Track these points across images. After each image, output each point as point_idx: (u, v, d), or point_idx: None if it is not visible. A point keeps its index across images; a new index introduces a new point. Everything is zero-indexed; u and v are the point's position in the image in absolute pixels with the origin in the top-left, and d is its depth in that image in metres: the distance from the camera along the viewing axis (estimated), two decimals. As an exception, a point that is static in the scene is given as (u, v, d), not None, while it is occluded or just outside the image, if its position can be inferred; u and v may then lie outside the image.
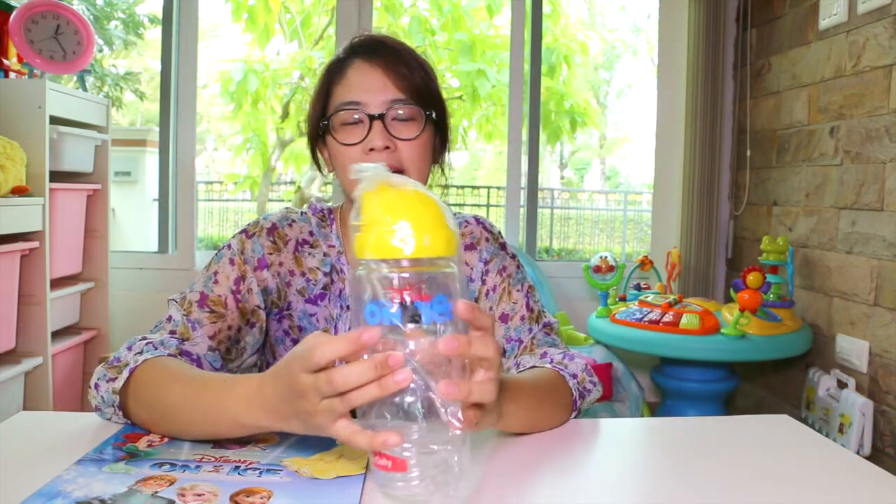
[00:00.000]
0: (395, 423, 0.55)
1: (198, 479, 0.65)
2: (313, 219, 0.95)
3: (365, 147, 0.83)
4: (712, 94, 2.78)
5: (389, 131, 0.83)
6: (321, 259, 0.92)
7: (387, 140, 0.83)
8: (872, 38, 2.09)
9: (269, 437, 0.75)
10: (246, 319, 0.88)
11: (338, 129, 0.85)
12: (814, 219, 2.38)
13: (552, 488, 0.67)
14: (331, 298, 0.92)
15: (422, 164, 0.87)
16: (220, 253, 0.91)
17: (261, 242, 0.91)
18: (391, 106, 0.83)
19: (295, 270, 0.91)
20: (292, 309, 0.91)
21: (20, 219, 1.97)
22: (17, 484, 0.63)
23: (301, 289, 0.91)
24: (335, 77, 0.87)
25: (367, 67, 0.84)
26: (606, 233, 6.71)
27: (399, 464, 0.55)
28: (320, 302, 0.91)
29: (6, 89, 2.06)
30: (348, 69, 0.85)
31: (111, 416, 0.78)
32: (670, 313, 2.25)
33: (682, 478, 0.71)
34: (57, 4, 2.19)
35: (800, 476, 0.72)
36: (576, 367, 0.86)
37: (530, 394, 0.77)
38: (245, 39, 4.96)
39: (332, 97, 0.86)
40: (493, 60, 4.98)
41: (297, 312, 0.91)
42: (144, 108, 5.75)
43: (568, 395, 0.83)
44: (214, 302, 0.86)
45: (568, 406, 0.83)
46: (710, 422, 0.95)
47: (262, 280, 0.90)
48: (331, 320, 0.91)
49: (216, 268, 0.89)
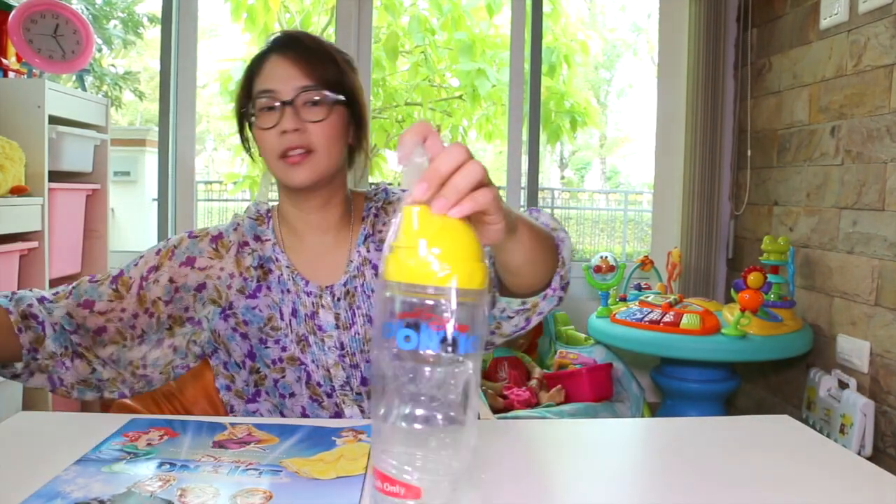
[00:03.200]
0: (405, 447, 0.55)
1: (197, 479, 0.65)
2: (246, 221, 1.02)
3: (278, 130, 0.91)
4: (713, 94, 2.77)
5: (299, 115, 0.91)
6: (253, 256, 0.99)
7: (297, 123, 0.90)
8: (873, 38, 2.08)
9: (269, 438, 0.75)
10: (144, 307, 0.94)
11: (257, 115, 0.93)
12: (815, 219, 2.38)
13: (552, 488, 0.67)
14: (270, 286, 0.97)
15: (330, 145, 0.93)
16: (160, 242, 1.00)
17: (200, 246, 0.99)
18: (300, 92, 0.91)
19: (235, 273, 0.98)
20: (234, 307, 0.97)
21: (19, 219, 1.96)
22: (17, 484, 0.63)
23: (241, 288, 0.97)
24: (255, 70, 0.95)
25: (281, 60, 0.93)
26: (607, 233, 6.71)
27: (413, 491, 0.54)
28: (258, 294, 0.97)
29: (5, 89, 2.06)
30: (265, 63, 0.94)
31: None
32: (671, 313, 2.25)
33: (682, 478, 0.71)
34: (56, 4, 2.19)
35: (801, 477, 0.71)
36: (545, 217, 0.87)
37: (527, 222, 0.75)
38: (244, 39, 4.96)
39: (253, 88, 0.95)
40: (493, 60, 4.98)
41: (240, 309, 0.97)
42: (144, 107, 5.75)
43: (550, 240, 0.83)
44: (123, 282, 0.95)
45: (553, 249, 0.83)
46: (711, 422, 0.95)
47: (181, 276, 0.96)
48: (274, 306, 0.96)
49: (145, 253, 0.99)
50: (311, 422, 0.82)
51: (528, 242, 0.73)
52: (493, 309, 0.88)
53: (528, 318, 0.88)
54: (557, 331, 2.77)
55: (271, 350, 0.95)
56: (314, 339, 0.94)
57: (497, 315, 0.88)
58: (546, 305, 0.86)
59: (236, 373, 0.98)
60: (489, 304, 0.56)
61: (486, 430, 0.84)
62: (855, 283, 2.17)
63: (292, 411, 0.96)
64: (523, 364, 2.60)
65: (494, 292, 0.87)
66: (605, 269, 2.59)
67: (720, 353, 2.14)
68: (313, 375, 0.94)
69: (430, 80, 5.29)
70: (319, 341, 0.94)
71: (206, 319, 0.97)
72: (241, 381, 0.98)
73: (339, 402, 0.94)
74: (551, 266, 0.82)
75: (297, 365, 0.95)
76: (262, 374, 0.96)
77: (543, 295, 0.85)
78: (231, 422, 0.80)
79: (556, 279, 0.84)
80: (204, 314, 0.97)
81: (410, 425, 0.54)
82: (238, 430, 0.77)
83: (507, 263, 0.76)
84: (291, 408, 0.96)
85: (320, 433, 0.77)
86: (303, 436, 0.76)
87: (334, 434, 0.77)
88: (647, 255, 2.82)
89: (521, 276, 0.79)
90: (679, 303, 2.37)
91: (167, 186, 2.80)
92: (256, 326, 0.95)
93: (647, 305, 2.37)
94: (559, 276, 0.84)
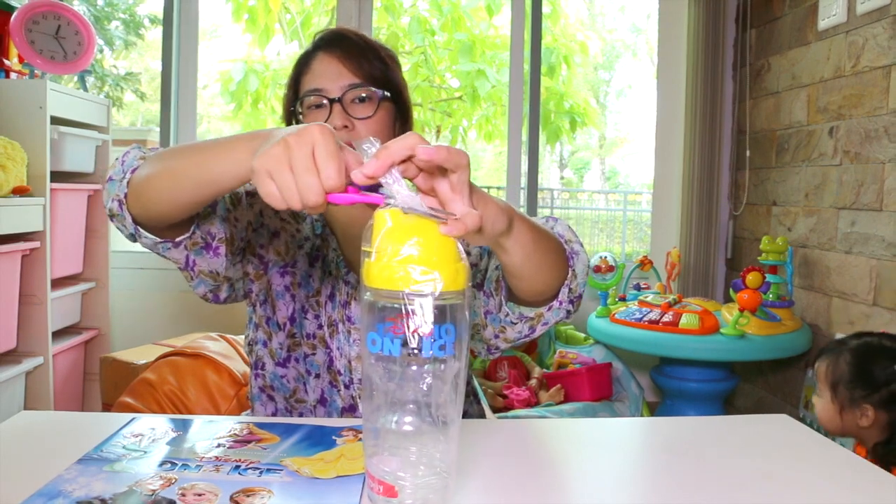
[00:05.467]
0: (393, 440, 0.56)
1: (198, 478, 0.65)
2: None
3: None
4: (712, 95, 2.78)
5: (347, 112, 0.92)
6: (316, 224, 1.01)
7: (345, 120, 0.91)
8: (872, 39, 2.09)
9: (270, 437, 0.76)
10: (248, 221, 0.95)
11: (305, 113, 0.94)
12: (813, 219, 2.39)
13: (552, 488, 0.68)
14: (324, 261, 0.99)
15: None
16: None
17: None
18: (348, 90, 0.92)
19: (309, 235, 1.00)
20: (297, 267, 0.98)
21: (21, 219, 1.97)
22: (18, 483, 0.63)
23: (308, 251, 0.99)
24: (303, 69, 0.96)
25: (328, 58, 0.94)
26: (606, 233, 6.71)
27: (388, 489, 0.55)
28: (316, 264, 0.99)
29: (7, 90, 2.06)
30: (313, 61, 0.95)
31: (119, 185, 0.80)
32: (670, 313, 2.26)
33: (681, 478, 0.72)
34: (58, 5, 2.19)
35: (799, 476, 0.72)
36: (561, 228, 0.87)
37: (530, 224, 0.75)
38: (245, 40, 4.96)
39: (301, 86, 0.96)
40: (492, 60, 4.98)
41: (301, 271, 0.98)
42: (145, 108, 5.75)
43: (560, 248, 0.82)
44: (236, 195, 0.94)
45: (562, 258, 0.82)
46: (710, 421, 0.95)
47: (267, 215, 0.98)
48: (327, 283, 0.97)
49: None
50: (311, 421, 0.83)
51: (528, 243, 0.73)
52: (499, 312, 0.88)
53: (532, 326, 0.88)
54: (557, 330, 2.78)
55: (309, 323, 0.97)
56: (343, 327, 0.96)
57: (502, 319, 0.88)
58: (552, 317, 0.86)
59: (275, 332, 0.99)
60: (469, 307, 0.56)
61: (485, 430, 0.84)
62: (853, 282, 2.17)
63: (314, 390, 0.97)
64: (523, 363, 2.60)
65: (501, 297, 0.87)
66: (605, 269, 2.59)
67: (719, 352, 2.15)
68: (336, 362, 0.96)
69: (430, 80, 5.29)
70: (347, 331, 0.96)
71: (270, 264, 0.98)
72: (276, 342, 0.99)
73: (356, 395, 0.95)
74: (558, 274, 0.81)
75: (325, 347, 0.96)
76: (296, 341, 0.98)
77: (549, 306, 0.84)
78: (232, 421, 0.81)
79: (565, 291, 0.83)
80: (270, 258, 0.99)
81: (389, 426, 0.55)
82: (239, 430, 0.78)
83: (507, 264, 0.76)
84: (314, 387, 0.97)
85: (321, 432, 0.78)
86: (303, 435, 0.77)
87: (335, 433, 0.77)
88: (646, 255, 2.83)
89: (524, 280, 0.78)
90: (678, 303, 2.38)
91: (168, 187, 2.79)
92: (305, 293, 0.97)
93: (646, 305, 2.38)
94: (568, 289, 0.83)
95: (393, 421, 0.56)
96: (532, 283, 0.79)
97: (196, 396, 1.38)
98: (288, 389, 0.99)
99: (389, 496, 0.56)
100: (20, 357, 2.04)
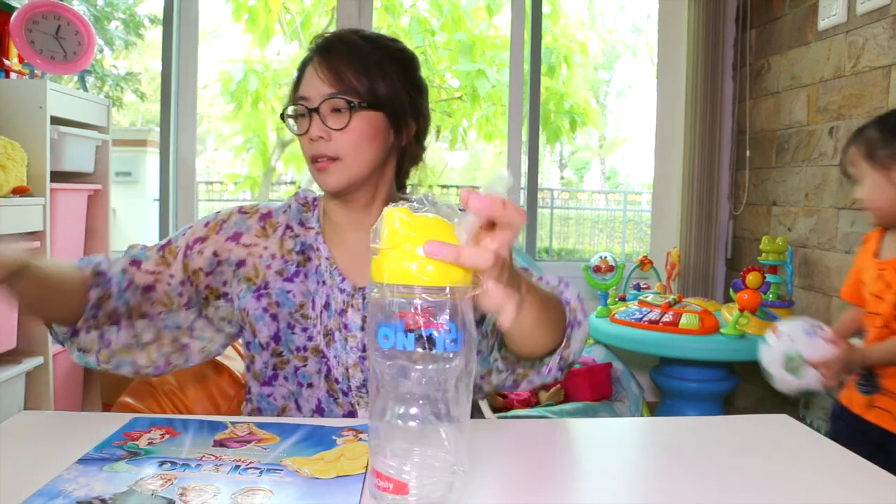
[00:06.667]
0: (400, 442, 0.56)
1: (198, 478, 0.65)
2: (294, 204, 1.03)
3: (308, 137, 0.93)
4: (712, 95, 2.78)
5: (326, 122, 0.91)
6: (295, 240, 1.00)
7: (322, 131, 0.91)
8: (871, 39, 2.09)
9: (270, 437, 0.76)
10: (187, 275, 0.97)
11: (295, 119, 0.96)
12: (813, 219, 2.39)
13: (551, 487, 0.68)
14: (308, 274, 0.98)
15: (357, 152, 0.92)
16: (210, 214, 1.03)
17: (248, 223, 1.00)
18: (325, 100, 0.91)
19: (277, 254, 0.99)
20: (270, 288, 0.97)
21: (21, 219, 1.97)
22: (18, 483, 0.63)
23: (280, 269, 0.98)
24: (300, 74, 0.97)
25: (316, 66, 0.94)
26: (606, 233, 6.71)
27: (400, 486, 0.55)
28: (295, 279, 0.98)
29: (7, 90, 2.06)
30: (307, 67, 0.95)
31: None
32: (670, 313, 2.26)
33: (681, 478, 0.72)
34: (58, 5, 2.19)
35: (799, 476, 0.72)
36: (570, 294, 0.87)
37: (541, 294, 0.75)
38: (245, 40, 4.96)
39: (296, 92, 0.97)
40: (492, 60, 4.99)
41: (275, 290, 0.97)
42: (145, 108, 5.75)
43: (562, 317, 0.83)
44: (171, 250, 0.98)
45: (561, 328, 0.82)
46: (710, 421, 0.95)
47: (225, 250, 0.98)
48: (308, 294, 0.97)
49: (194, 223, 1.02)
50: (311, 421, 0.83)
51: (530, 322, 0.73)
52: (489, 355, 0.89)
53: (516, 381, 0.89)
54: (557, 331, 2.77)
55: (297, 337, 0.96)
56: (339, 335, 0.95)
57: (490, 363, 0.89)
58: (538, 380, 0.87)
59: (257, 353, 0.98)
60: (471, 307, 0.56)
61: (485, 429, 0.84)
62: (853, 283, 2.17)
63: (308, 402, 0.95)
64: (523, 364, 2.60)
65: (495, 342, 0.87)
66: (605, 269, 2.59)
67: (719, 352, 2.15)
68: (333, 371, 0.94)
69: (430, 80, 5.29)
70: (343, 339, 0.95)
71: (237, 297, 0.98)
72: (260, 363, 0.98)
73: (354, 402, 0.94)
74: (554, 338, 0.81)
75: (320, 357, 0.95)
76: (284, 359, 0.96)
77: (538, 371, 0.85)
78: (232, 421, 0.81)
79: (556, 358, 0.83)
80: (237, 291, 0.98)
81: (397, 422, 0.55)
82: (239, 429, 0.78)
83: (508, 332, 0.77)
84: (308, 398, 0.95)
85: (321, 432, 0.78)
86: (303, 435, 0.77)
87: (335, 433, 0.77)
88: (646, 255, 2.83)
89: (513, 342, 0.80)
90: (678, 303, 2.38)
91: (168, 187, 2.80)
92: (287, 311, 0.96)
93: (646, 305, 2.38)
94: (559, 356, 0.83)
95: (403, 417, 0.56)
96: (522, 345, 0.80)
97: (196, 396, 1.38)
98: (276, 408, 0.98)
99: (400, 493, 0.55)
100: (20, 357, 2.04)
